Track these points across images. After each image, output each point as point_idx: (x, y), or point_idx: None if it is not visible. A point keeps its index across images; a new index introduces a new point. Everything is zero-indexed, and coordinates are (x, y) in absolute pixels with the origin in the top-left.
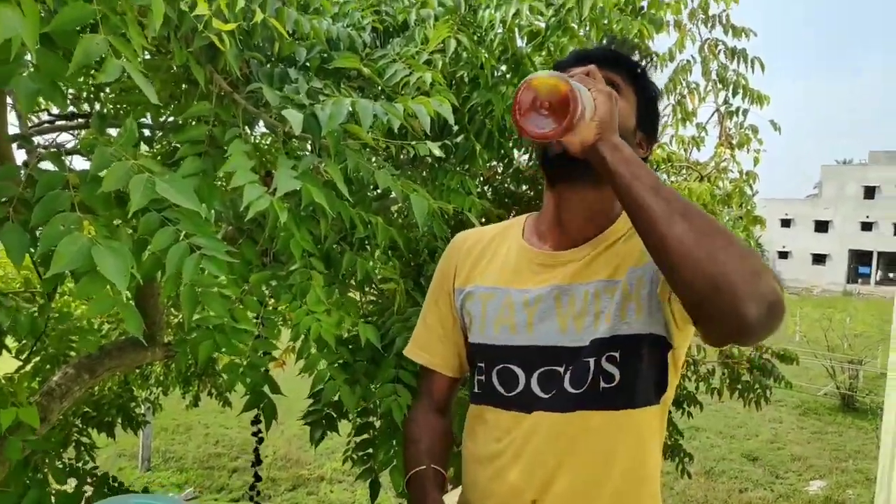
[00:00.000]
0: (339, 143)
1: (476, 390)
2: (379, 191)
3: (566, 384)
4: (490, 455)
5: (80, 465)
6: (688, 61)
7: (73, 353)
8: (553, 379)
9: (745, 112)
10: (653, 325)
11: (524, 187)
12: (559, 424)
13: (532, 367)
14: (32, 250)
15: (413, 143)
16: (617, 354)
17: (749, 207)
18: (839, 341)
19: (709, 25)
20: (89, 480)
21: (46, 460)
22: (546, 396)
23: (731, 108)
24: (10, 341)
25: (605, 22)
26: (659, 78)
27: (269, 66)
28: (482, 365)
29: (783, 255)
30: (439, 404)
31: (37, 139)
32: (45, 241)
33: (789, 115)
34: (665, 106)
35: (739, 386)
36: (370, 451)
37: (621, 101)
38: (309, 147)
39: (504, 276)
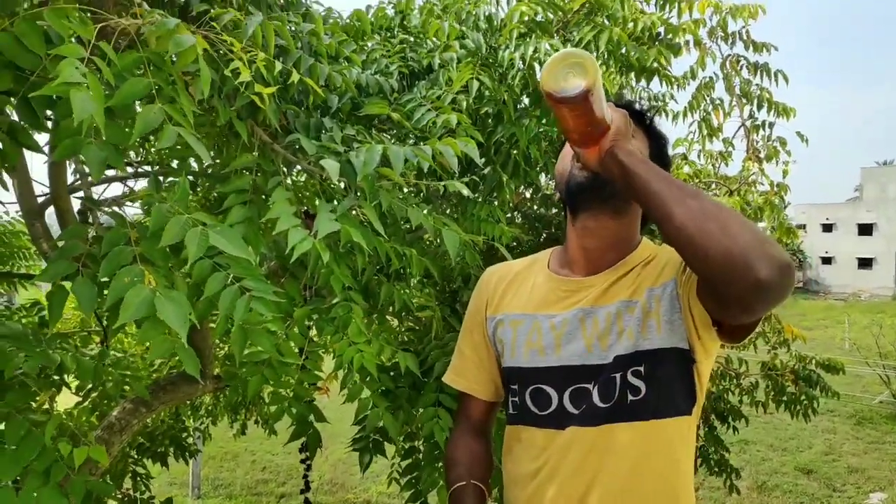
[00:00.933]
0: (374, 185)
1: (512, 411)
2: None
3: (595, 399)
4: (528, 474)
5: (136, 494)
6: (710, 78)
7: (127, 388)
8: (583, 395)
9: (772, 125)
10: (674, 340)
11: (553, 210)
12: (591, 438)
13: (563, 386)
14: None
15: (443, 182)
16: (641, 369)
17: (781, 219)
18: (892, 347)
19: (729, 42)
20: None
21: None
22: (577, 412)
23: (757, 122)
24: (69, 378)
25: (623, 53)
26: (682, 96)
27: (304, 115)
28: (515, 387)
29: (826, 260)
30: (478, 427)
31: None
32: (113, 294)
33: (824, 120)
34: (691, 123)
35: (784, 398)
36: (416, 473)
37: (635, 141)
38: (343, 187)
39: (532, 304)
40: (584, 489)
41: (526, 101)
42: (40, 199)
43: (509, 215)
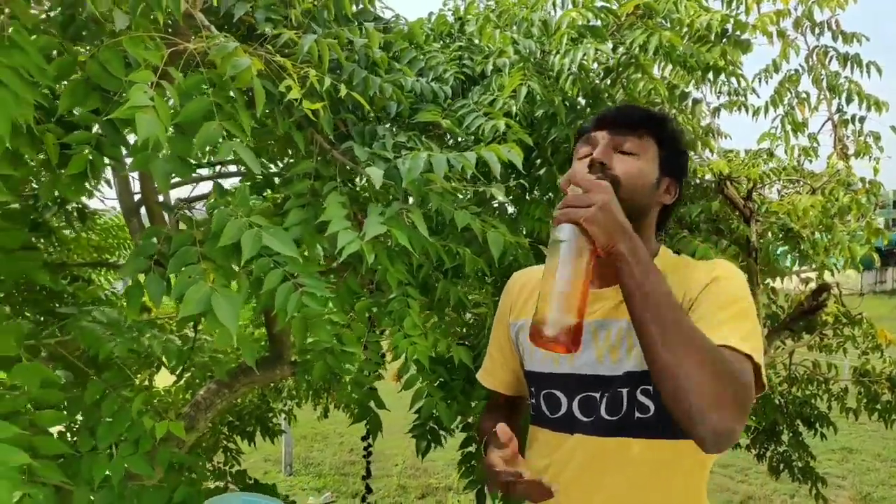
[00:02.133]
0: (421, 190)
1: (531, 412)
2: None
3: (602, 411)
4: (539, 471)
5: (227, 467)
6: (796, 71)
7: (214, 371)
8: (591, 405)
9: (863, 119)
10: None
11: None
12: (597, 448)
13: (573, 393)
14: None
15: (481, 188)
16: (650, 388)
17: (869, 219)
18: None
19: (815, 33)
20: (229, 479)
21: (200, 463)
22: (586, 420)
23: (846, 117)
24: (165, 359)
25: (679, 53)
26: (764, 90)
27: (361, 123)
28: (533, 390)
29: None
30: (506, 415)
31: (178, 191)
32: (178, 289)
33: None
34: (774, 118)
35: (878, 406)
36: (473, 462)
37: (637, 162)
38: (393, 192)
39: None
40: (588, 495)
41: (582, 101)
42: (136, 198)
43: None
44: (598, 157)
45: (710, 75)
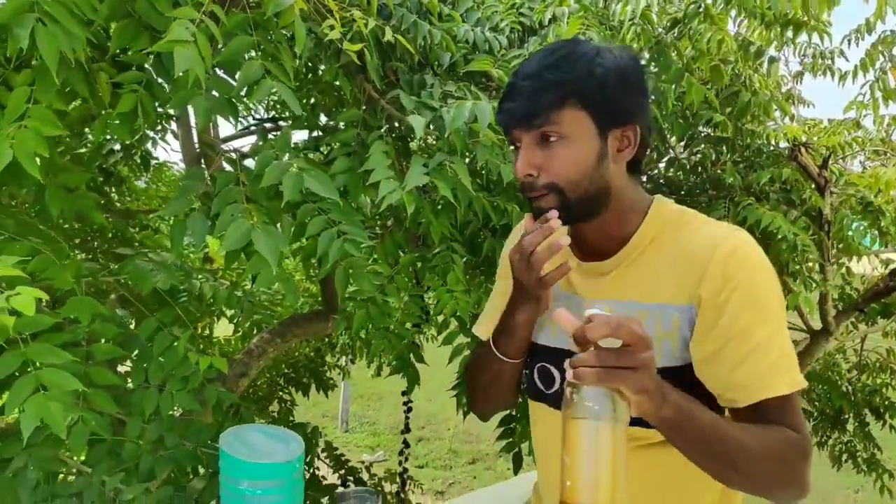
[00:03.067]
0: (465, 141)
1: (524, 384)
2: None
3: None
4: (537, 439)
5: (281, 417)
6: (892, 32)
7: (274, 321)
8: None
9: None
10: (686, 356)
11: (679, 174)
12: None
13: (561, 368)
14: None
15: None
16: None
17: None
18: None
19: None
20: None
21: (248, 407)
22: None
23: None
24: (225, 310)
25: (756, 3)
26: (853, 53)
27: (411, 73)
28: (528, 360)
29: None
30: None
31: (236, 143)
32: (220, 227)
33: None
34: (863, 84)
35: None
36: (512, 425)
37: (567, 148)
38: (439, 145)
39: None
40: None
41: (646, 55)
42: (198, 150)
43: None
44: (523, 172)
45: (790, 33)
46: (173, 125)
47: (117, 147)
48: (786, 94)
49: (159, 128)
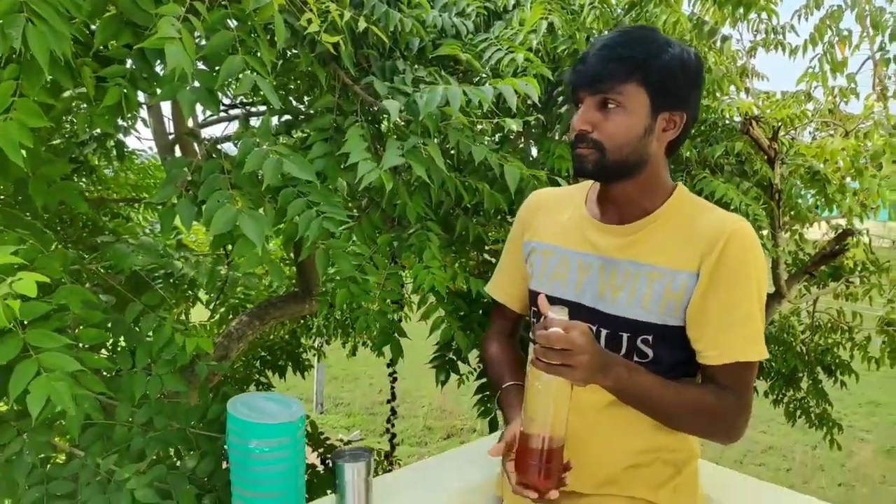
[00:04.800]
0: (437, 124)
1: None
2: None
3: (602, 344)
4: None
5: None
6: (838, 7)
7: (249, 305)
8: None
9: None
10: (685, 321)
11: None
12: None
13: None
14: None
15: (496, 120)
16: (650, 338)
17: None
18: None
19: None
20: None
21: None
22: None
23: (888, 56)
24: (202, 295)
25: None
26: (803, 27)
27: (383, 59)
28: (535, 309)
29: None
30: (508, 332)
31: (210, 130)
32: (207, 212)
33: None
34: (812, 57)
35: None
36: (488, 392)
37: (621, 117)
38: (412, 129)
39: (562, 237)
40: (587, 429)
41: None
42: (171, 137)
43: None
44: (579, 126)
45: (742, 11)
46: (143, 113)
47: (89, 137)
48: (740, 69)
49: (129, 116)
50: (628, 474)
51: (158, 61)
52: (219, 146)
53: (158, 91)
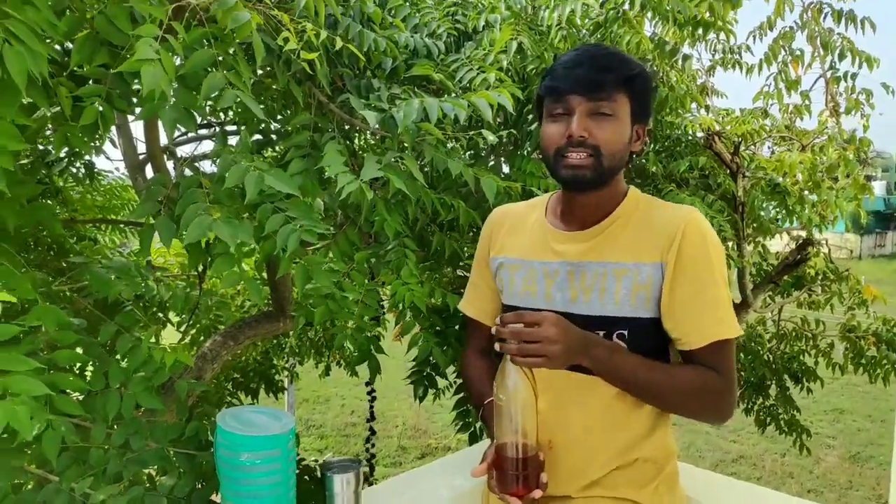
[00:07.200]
0: (414, 139)
1: None
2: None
3: None
4: None
5: None
6: (790, 28)
7: (221, 326)
8: None
9: (854, 76)
10: (657, 312)
11: None
12: (571, 382)
13: None
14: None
15: (471, 133)
16: (626, 332)
17: (855, 175)
18: None
19: None
20: None
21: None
22: None
23: (838, 74)
24: (172, 316)
25: (668, 8)
26: (758, 47)
27: (358, 78)
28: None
29: None
30: (486, 349)
31: (181, 149)
32: (184, 224)
33: None
34: (768, 76)
35: (864, 361)
36: (466, 406)
37: (613, 125)
38: (389, 144)
39: (528, 250)
40: (562, 426)
41: None
42: (141, 157)
43: None
44: (578, 132)
45: (701, 32)
46: (112, 133)
47: (56, 158)
48: (700, 86)
49: (99, 135)
50: (612, 476)
51: (136, 80)
52: (196, 164)
53: (138, 110)
